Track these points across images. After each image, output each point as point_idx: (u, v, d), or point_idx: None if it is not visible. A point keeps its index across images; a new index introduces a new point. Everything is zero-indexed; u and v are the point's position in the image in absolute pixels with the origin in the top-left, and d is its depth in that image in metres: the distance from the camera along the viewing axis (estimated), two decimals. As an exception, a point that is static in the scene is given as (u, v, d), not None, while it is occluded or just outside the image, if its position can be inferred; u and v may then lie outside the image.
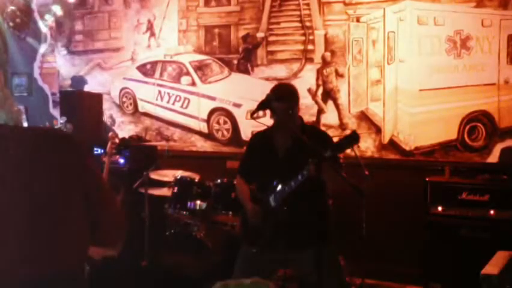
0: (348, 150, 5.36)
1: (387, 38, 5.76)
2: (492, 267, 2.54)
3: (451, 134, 5.50)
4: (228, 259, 4.84)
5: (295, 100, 3.74)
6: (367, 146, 5.85)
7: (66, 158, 1.73)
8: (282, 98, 3.68)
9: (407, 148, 5.67)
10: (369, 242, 4.59)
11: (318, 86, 6.10)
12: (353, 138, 3.36)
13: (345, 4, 5.94)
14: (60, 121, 6.23)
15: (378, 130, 5.83)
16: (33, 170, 1.67)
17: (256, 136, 4.04)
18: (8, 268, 1.62)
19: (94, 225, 1.79)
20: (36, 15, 7.68)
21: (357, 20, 5.90)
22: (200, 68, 6.76)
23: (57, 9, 7.33)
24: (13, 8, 7.49)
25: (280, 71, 6.29)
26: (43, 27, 7.64)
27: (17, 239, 1.64)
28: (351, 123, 5.94)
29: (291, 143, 3.74)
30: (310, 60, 6.14)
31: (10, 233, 1.63)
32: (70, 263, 1.73)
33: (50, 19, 7.45)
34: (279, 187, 3.64)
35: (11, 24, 7.52)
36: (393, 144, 5.75)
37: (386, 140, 5.79)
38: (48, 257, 1.68)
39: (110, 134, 5.82)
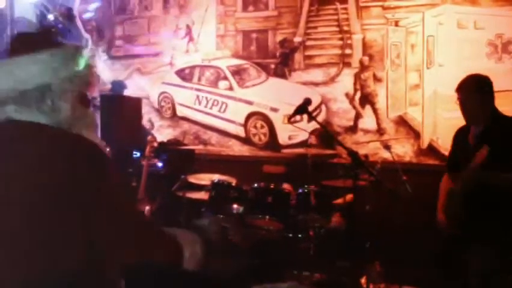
0: (388, 155, 5.34)
1: (426, 42, 5.70)
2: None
3: (492, 139, 5.40)
4: (264, 263, 4.85)
5: (472, 90, 3.64)
6: (405, 151, 5.80)
7: (80, 170, 1.63)
8: (458, 89, 3.69)
9: (447, 153, 5.59)
10: (408, 248, 4.55)
11: (355, 90, 6.07)
12: None
13: (384, 8, 5.91)
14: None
15: (416, 135, 5.77)
16: (41, 172, 1.64)
17: (457, 131, 3.99)
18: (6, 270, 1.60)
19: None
20: (77, 20, 7.82)
21: (396, 24, 5.86)
22: (237, 72, 6.79)
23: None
24: (56, 13, 7.65)
25: (317, 76, 6.28)
26: (84, 33, 7.78)
27: (11, 238, 1.60)
28: (389, 128, 5.90)
29: (481, 129, 3.64)
30: (348, 64, 6.12)
31: (5, 233, 1.61)
32: (58, 274, 1.61)
33: (90, 15, 7.57)
34: None
35: (53, 30, 7.68)
36: (432, 150, 5.69)
37: (425, 145, 5.72)
38: (36, 263, 1.59)
39: (149, 137, 5.90)
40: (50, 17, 7.60)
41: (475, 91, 3.62)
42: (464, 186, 3.55)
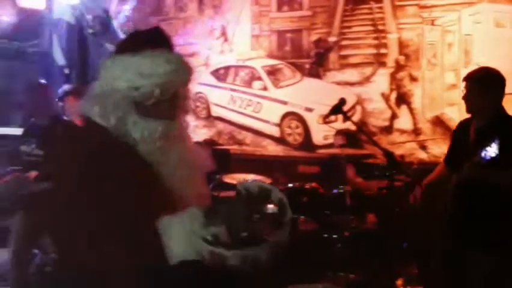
0: (424, 155, 5.30)
1: (463, 41, 5.63)
2: None
3: (531, 139, 5.31)
4: (298, 263, 4.85)
5: (476, 81, 3.55)
6: (442, 151, 5.73)
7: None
8: (467, 78, 3.59)
9: (484, 154, 5.51)
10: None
11: (391, 90, 6.03)
12: None
13: (420, 7, 5.85)
14: None
15: (453, 135, 5.70)
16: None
17: (458, 124, 3.94)
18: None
19: None
20: (113, 21, 7.91)
21: (432, 23, 5.80)
22: (272, 72, 6.80)
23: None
24: (93, 14, 7.75)
25: (352, 76, 6.25)
26: (120, 34, 7.86)
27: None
28: (426, 128, 5.84)
29: (482, 124, 3.53)
30: (383, 64, 6.08)
31: None
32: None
33: (123, 19, 7.66)
34: None
35: (90, 31, 7.80)
36: (469, 150, 5.61)
37: (461, 145, 5.65)
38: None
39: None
40: (88, 18, 7.71)
41: (479, 82, 3.53)
42: (462, 177, 3.46)
